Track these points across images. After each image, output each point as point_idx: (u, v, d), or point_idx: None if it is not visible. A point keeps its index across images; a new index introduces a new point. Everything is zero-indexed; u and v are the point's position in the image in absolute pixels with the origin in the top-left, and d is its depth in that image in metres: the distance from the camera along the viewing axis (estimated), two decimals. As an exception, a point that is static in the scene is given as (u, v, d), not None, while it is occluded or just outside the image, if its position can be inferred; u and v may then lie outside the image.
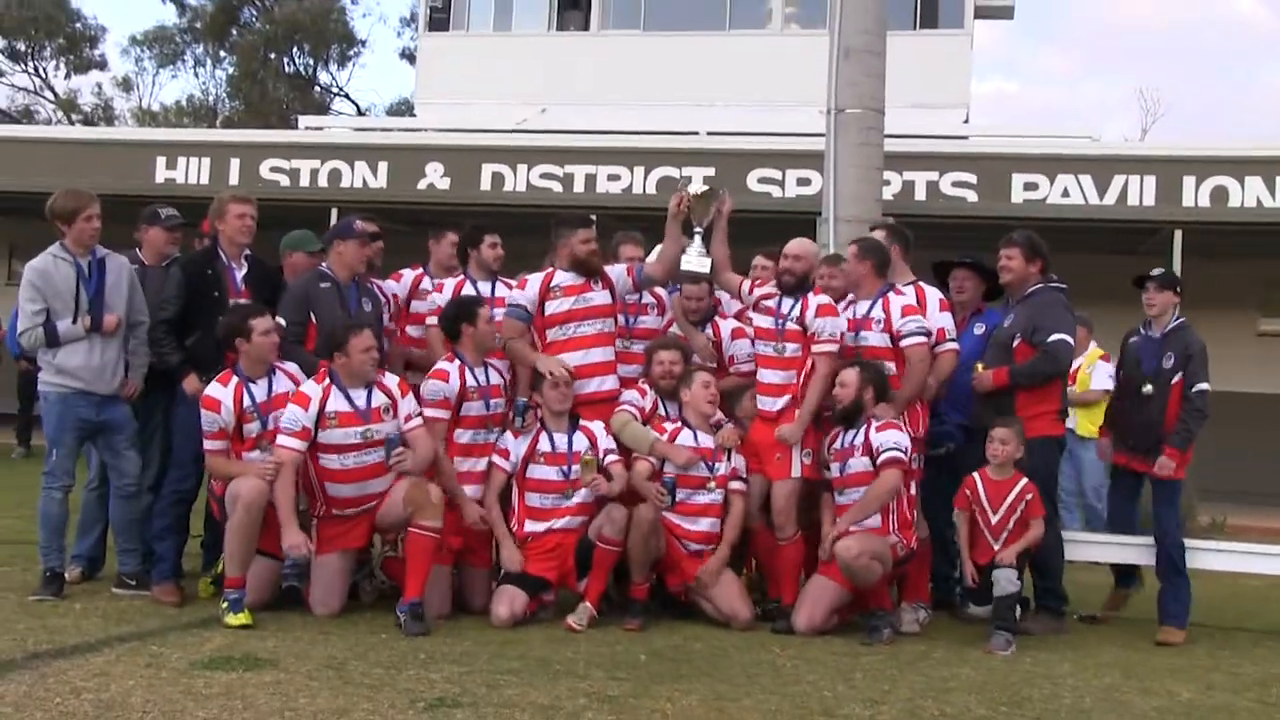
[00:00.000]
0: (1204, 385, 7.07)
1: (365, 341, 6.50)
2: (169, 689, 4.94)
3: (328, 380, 6.52)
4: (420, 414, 6.65)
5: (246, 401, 6.52)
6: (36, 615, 6.15)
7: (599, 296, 7.16)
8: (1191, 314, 13.88)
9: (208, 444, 6.51)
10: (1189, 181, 13.75)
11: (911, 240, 7.63)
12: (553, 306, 7.12)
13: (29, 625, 5.91)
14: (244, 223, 7.07)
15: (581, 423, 6.93)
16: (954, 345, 7.20)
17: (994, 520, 6.74)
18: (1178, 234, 13.76)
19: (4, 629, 5.81)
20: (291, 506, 6.38)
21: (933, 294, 7.29)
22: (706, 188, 7.31)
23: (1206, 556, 7.60)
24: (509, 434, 6.88)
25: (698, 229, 7.22)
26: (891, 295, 7.08)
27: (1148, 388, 7.15)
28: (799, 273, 6.97)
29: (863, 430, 6.72)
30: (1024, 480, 6.77)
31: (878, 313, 7.01)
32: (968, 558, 6.76)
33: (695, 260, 7.18)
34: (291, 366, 6.72)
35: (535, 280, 7.20)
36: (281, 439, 6.43)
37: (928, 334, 7.01)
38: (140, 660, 5.38)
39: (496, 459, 6.86)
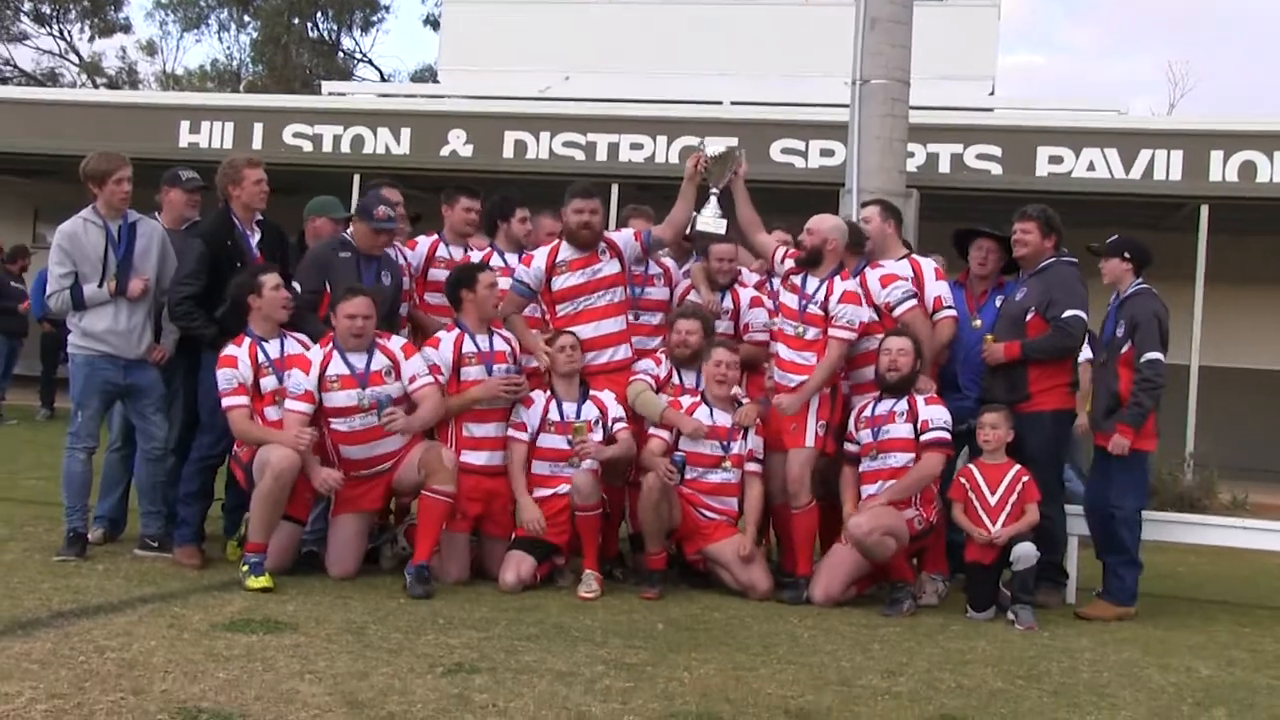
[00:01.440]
0: (1153, 354, 6.71)
1: (349, 308, 6.50)
2: (190, 650, 4.98)
3: (330, 345, 6.58)
4: (428, 374, 6.67)
5: (261, 357, 6.57)
6: (61, 575, 6.20)
7: (608, 267, 7.12)
8: (1218, 290, 13.87)
9: (227, 401, 6.51)
10: (1216, 156, 13.66)
11: (902, 215, 7.70)
12: (560, 282, 7.09)
13: (53, 585, 5.96)
14: (261, 188, 7.02)
15: (592, 393, 6.94)
16: (952, 312, 7.21)
17: (993, 501, 6.68)
18: (1204, 209, 13.67)
19: (29, 588, 5.86)
20: (309, 454, 6.45)
21: (927, 264, 7.30)
22: (724, 149, 7.26)
23: (1229, 534, 7.56)
24: (521, 406, 6.89)
25: (714, 190, 7.19)
26: (868, 270, 7.10)
27: (1085, 354, 6.95)
28: (808, 246, 6.94)
29: (904, 399, 6.74)
30: (1017, 465, 6.74)
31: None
32: (976, 530, 6.68)
33: (711, 221, 7.15)
34: (301, 336, 6.75)
35: (541, 255, 7.15)
36: (288, 403, 6.50)
37: (915, 295, 7.04)
38: (162, 621, 5.42)
39: (514, 432, 6.87)
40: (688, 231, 7.34)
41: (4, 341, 14.11)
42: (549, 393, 6.92)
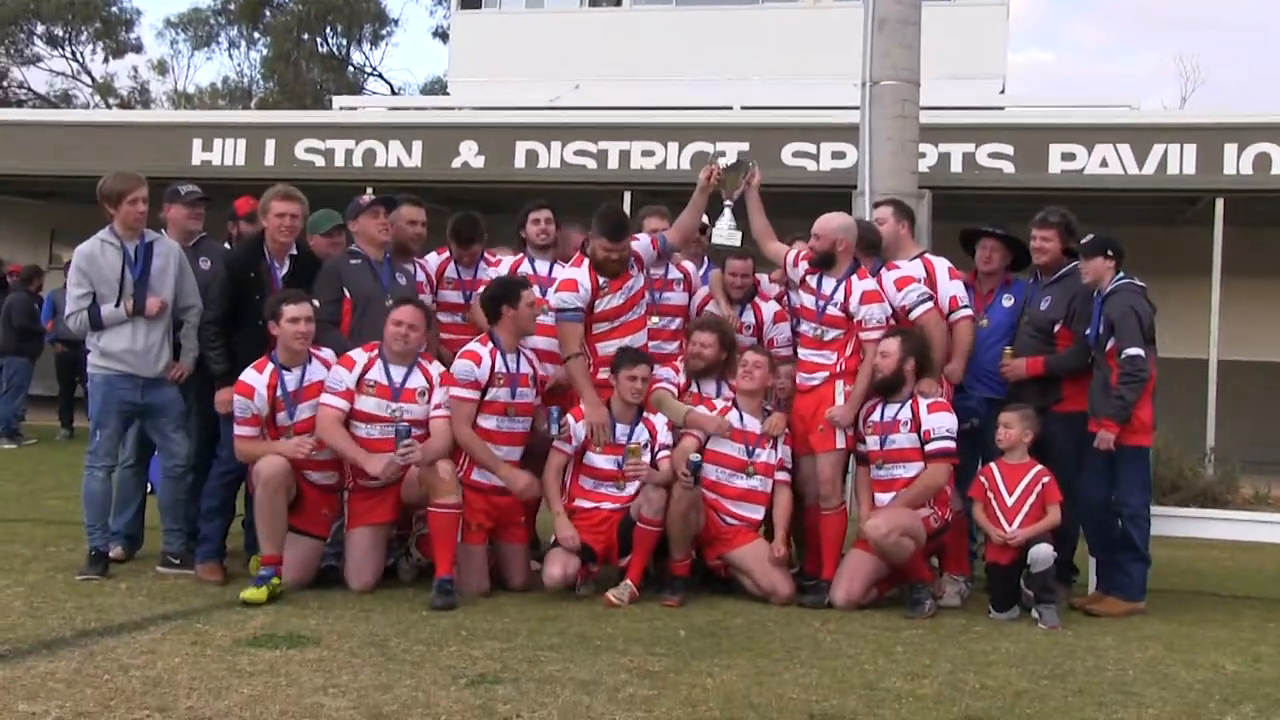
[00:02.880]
0: (1133, 350, 6.60)
1: (399, 315, 6.59)
2: (214, 666, 5.00)
3: (376, 351, 6.62)
4: (448, 405, 6.68)
5: (280, 391, 6.58)
6: (84, 594, 6.23)
7: (639, 281, 7.13)
8: (1236, 283, 13.80)
9: (238, 429, 6.57)
10: (1230, 149, 13.58)
11: (914, 215, 7.69)
12: (603, 303, 7.02)
13: (77, 604, 5.99)
14: (283, 222, 7.01)
15: (645, 415, 6.92)
16: (968, 311, 7.21)
17: (1010, 502, 6.67)
18: (1219, 202, 13.61)
19: (53, 608, 5.89)
20: (354, 445, 6.53)
21: (940, 264, 7.28)
22: (736, 160, 7.26)
23: (1252, 528, 7.54)
24: (571, 418, 6.86)
25: (728, 202, 7.19)
26: (884, 272, 7.06)
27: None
28: (818, 250, 6.93)
29: (908, 405, 6.72)
30: (1038, 465, 6.71)
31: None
32: (993, 530, 6.67)
33: (726, 233, 7.16)
34: (328, 353, 6.75)
35: (583, 278, 6.99)
36: (325, 398, 6.57)
37: (931, 298, 7.01)
38: (186, 638, 5.44)
39: (560, 443, 6.85)
40: (705, 243, 7.35)
41: (28, 364, 14.20)
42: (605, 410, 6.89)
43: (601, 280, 7.03)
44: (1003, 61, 19.35)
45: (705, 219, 7.45)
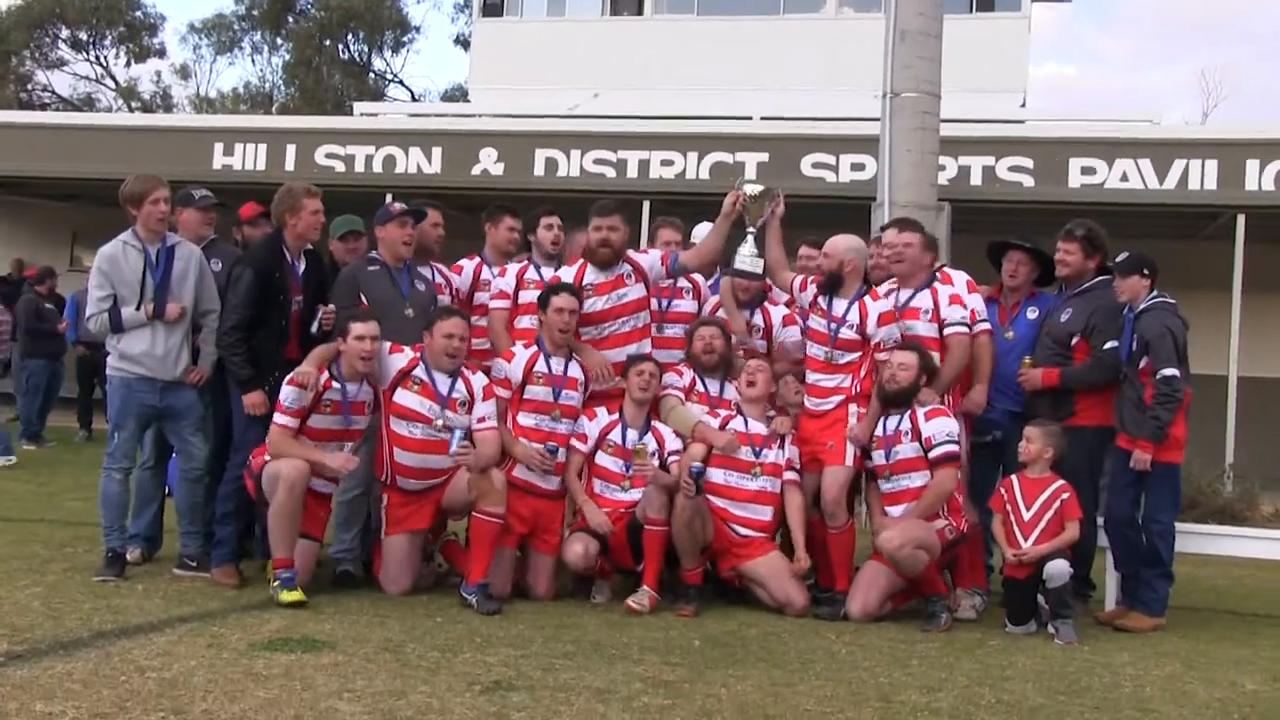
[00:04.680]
0: (1169, 370, 6.61)
1: (449, 327, 6.61)
2: (230, 669, 5.01)
3: (419, 355, 6.67)
4: (494, 417, 6.73)
5: (328, 394, 6.58)
6: (101, 595, 6.25)
7: (633, 291, 7.12)
8: (1257, 299, 13.72)
9: (282, 418, 6.52)
10: (1252, 165, 13.55)
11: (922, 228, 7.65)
12: (587, 305, 7.06)
13: (94, 605, 6.01)
14: (318, 219, 7.03)
15: (654, 424, 6.96)
16: (986, 325, 7.18)
17: (1026, 517, 6.64)
18: (1240, 218, 13.55)
19: (70, 609, 5.91)
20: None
21: (959, 277, 7.25)
22: (762, 188, 7.24)
23: (1272, 546, 7.51)
24: (585, 418, 6.93)
25: (751, 229, 7.17)
26: (939, 285, 7.06)
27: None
28: (827, 269, 6.94)
29: (907, 416, 6.70)
30: (1059, 481, 6.68)
31: (925, 302, 7.00)
32: (1006, 548, 6.66)
33: (749, 260, 7.14)
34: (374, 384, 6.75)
35: (568, 274, 7.13)
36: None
37: (968, 325, 7.01)
38: (201, 641, 5.45)
39: (575, 442, 6.93)
40: (727, 269, 7.36)
41: (44, 365, 14.21)
42: (617, 415, 6.94)
43: (585, 281, 7.06)
44: (1024, 75, 19.33)
45: None
